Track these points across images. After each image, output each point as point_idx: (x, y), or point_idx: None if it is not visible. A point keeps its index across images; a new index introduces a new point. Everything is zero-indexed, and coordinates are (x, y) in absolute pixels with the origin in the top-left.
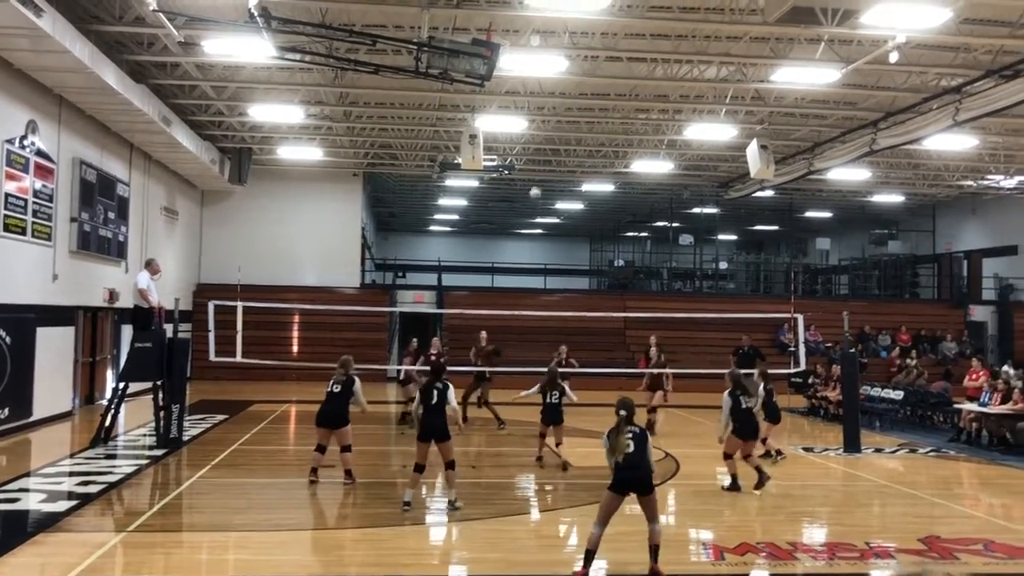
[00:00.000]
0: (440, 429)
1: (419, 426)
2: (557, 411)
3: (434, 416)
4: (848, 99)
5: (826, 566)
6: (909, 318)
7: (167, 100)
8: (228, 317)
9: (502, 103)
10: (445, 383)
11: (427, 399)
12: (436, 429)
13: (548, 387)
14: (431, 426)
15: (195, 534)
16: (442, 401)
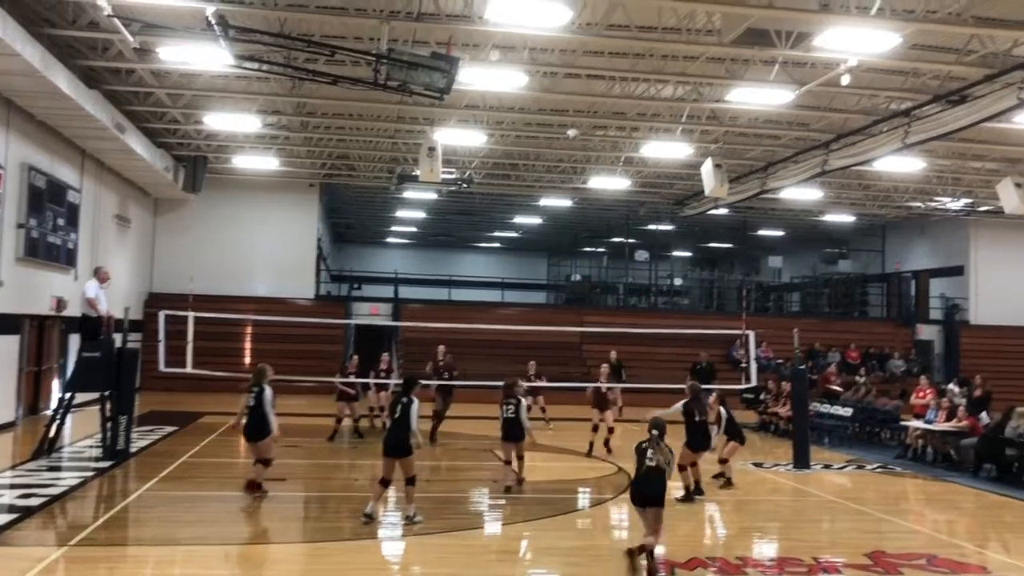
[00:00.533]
0: (398, 445)
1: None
2: (513, 426)
3: (395, 431)
4: (801, 120)
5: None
6: (858, 336)
7: (121, 107)
8: (179, 327)
9: (461, 117)
10: (411, 399)
11: (392, 412)
12: (395, 445)
13: (503, 401)
14: (390, 441)
15: (141, 548)
16: (404, 416)
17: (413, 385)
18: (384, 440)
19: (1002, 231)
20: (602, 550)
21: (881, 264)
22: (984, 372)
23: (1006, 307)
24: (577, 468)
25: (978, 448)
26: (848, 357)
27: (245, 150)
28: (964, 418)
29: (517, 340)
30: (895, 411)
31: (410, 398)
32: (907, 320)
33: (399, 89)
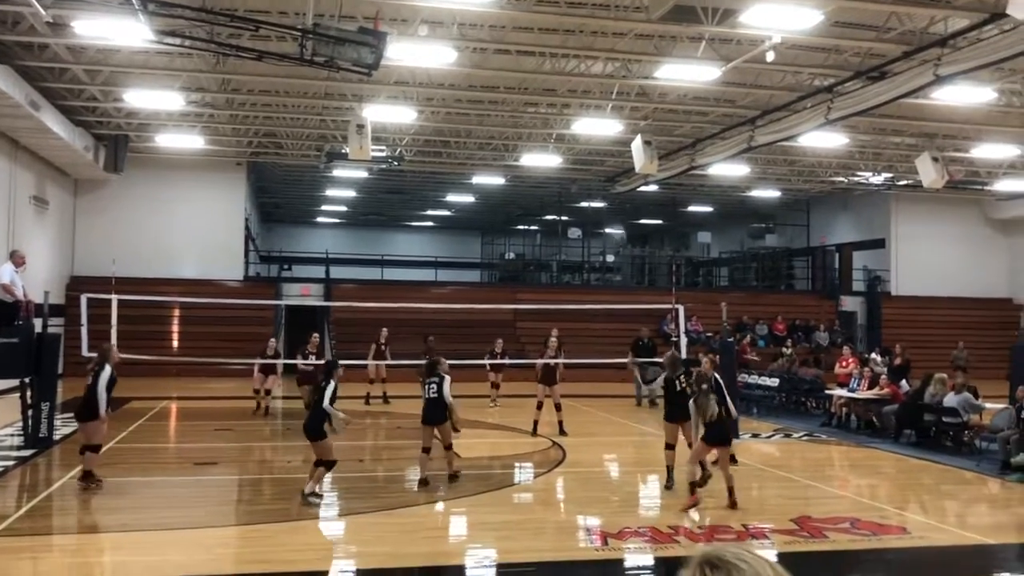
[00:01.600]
0: (310, 429)
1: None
2: (435, 407)
3: (433, 406)
4: (728, 97)
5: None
6: (785, 308)
7: (35, 83)
8: (103, 311)
9: (390, 93)
10: (442, 376)
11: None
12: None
13: (424, 378)
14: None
15: (66, 537)
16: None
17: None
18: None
19: (921, 204)
20: (537, 523)
21: (806, 238)
22: (904, 341)
23: (925, 279)
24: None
25: (898, 415)
26: (775, 329)
27: (168, 128)
28: (885, 386)
29: (451, 319)
30: (819, 381)
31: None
32: (831, 292)
33: (326, 65)
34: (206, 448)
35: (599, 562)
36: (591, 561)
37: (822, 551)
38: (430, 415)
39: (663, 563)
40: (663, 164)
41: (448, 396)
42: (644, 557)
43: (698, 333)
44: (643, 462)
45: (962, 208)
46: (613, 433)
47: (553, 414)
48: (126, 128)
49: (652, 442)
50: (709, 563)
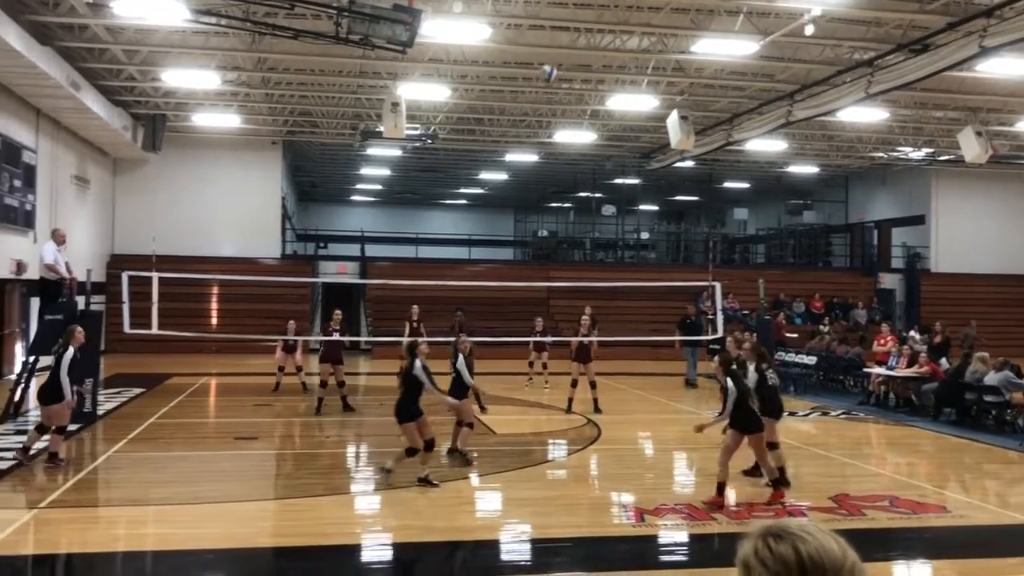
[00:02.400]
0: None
1: None
2: (452, 384)
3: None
4: (766, 71)
5: (741, 526)
6: (822, 286)
7: (76, 64)
8: (143, 289)
9: (425, 71)
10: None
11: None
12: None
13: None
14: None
15: (111, 509)
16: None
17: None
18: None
19: (963, 180)
20: (572, 499)
21: (845, 214)
22: (944, 319)
23: (966, 255)
24: (548, 421)
25: (938, 393)
26: (812, 307)
27: (205, 107)
28: (925, 364)
29: (484, 297)
30: (858, 359)
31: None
32: (870, 269)
33: (361, 43)
34: (246, 423)
35: (635, 538)
36: (627, 537)
37: (861, 529)
38: (450, 391)
39: (700, 540)
40: (699, 140)
41: (464, 374)
42: (681, 534)
43: (734, 311)
44: (678, 440)
45: (1005, 183)
46: (648, 411)
47: (588, 392)
48: (164, 107)
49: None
50: (772, 534)
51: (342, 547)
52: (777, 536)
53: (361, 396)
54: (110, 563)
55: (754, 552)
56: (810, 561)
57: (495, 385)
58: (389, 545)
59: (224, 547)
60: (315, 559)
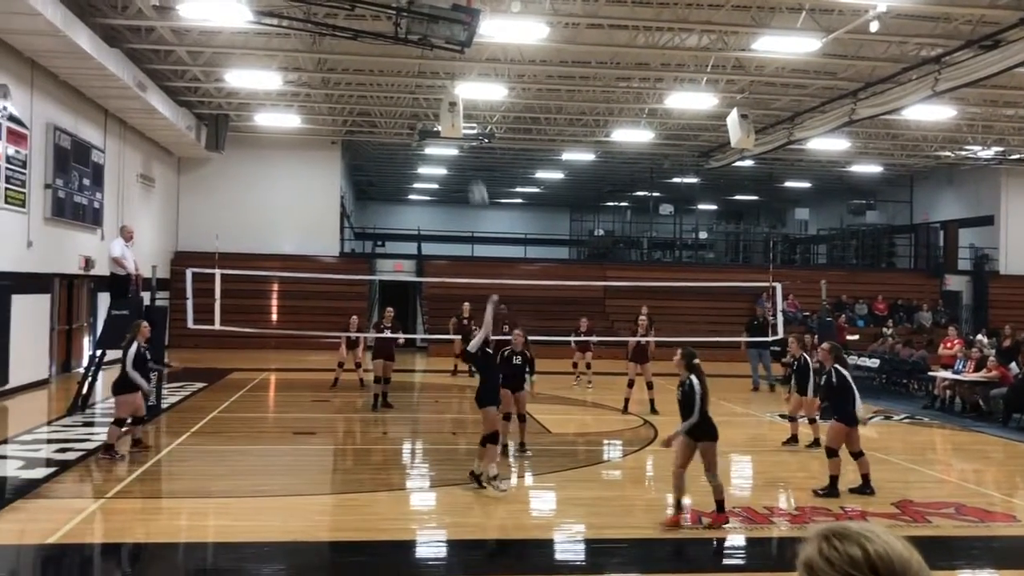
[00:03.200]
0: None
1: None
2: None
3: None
4: (828, 69)
5: (801, 530)
6: (886, 287)
7: (142, 65)
8: (206, 285)
9: (482, 70)
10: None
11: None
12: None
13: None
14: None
15: (174, 500)
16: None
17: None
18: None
19: None
20: (627, 500)
21: (909, 215)
22: (1013, 322)
23: None
24: (604, 422)
25: (1007, 398)
26: (875, 309)
27: (266, 108)
28: (993, 368)
29: (540, 296)
30: (923, 362)
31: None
32: (935, 271)
33: (420, 43)
34: (304, 418)
35: (692, 541)
36: (684, 539)
37: (925, 536)
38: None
39: (758, 543)
40: (759, 138)
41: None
42: (739, 537)
43: (794, 312)
44: (735, 442)
45: None
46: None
47: (644, 392)
48: (227, 108)
49: (743, 422)
50: (836, 535)
51: (398, 543)
52: (841, 536)
53: (417, 393)
54: (173, 553)
55: (819, 552)
56: (879, 560)
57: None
58: (444, 542)
59: (283, 540)
60: (372, 554)
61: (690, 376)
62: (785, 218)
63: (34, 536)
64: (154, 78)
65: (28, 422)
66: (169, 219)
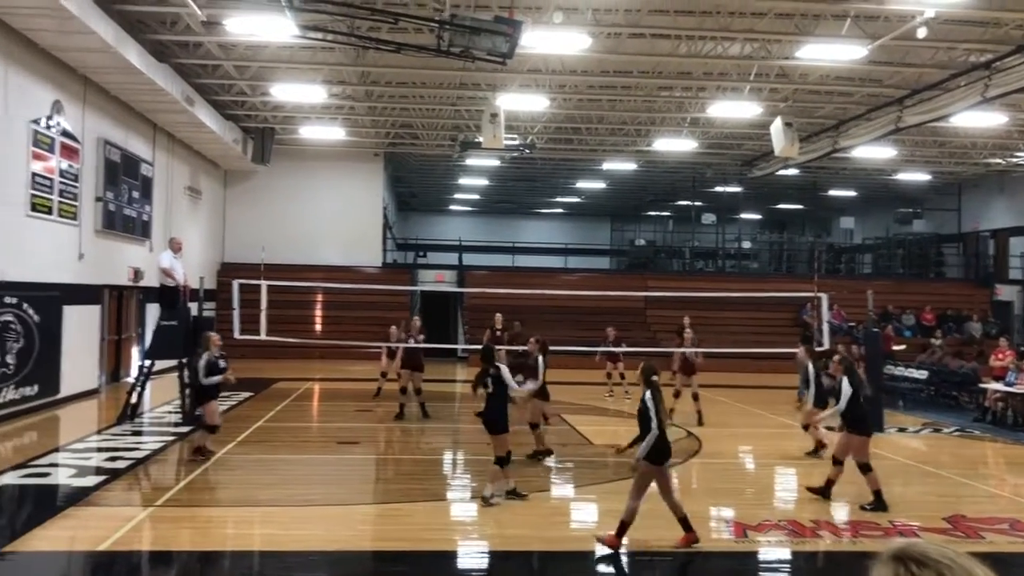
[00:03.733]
0: (491, 421)
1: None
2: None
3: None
4: (874, 76)
5: (849, 543)
6: (934, 298)
7: (190, 80)
8: (251, 296)
9: (523, 81)
10: (498, 367)
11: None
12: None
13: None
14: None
15: (221, 509)
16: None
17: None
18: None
19: None
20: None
21: (957, 223)
22: None
23: None
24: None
25: None
26: (923, 319)
27: (311, 121)
28: None
29: (581, 306)
30: (973, 374)
31: (498, 367)
32: (985, 281)
33: (462, 55)
34: (348, 428)
35: (738, 554)
36: (729, 553)
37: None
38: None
39: (805, 557)
40: (804, 147)
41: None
42: (784, 551)
43: (839, 323)
44: (781, 455)
45: None
46: (750, 424)
47: (689, 404)
48: (272, 121)
49: (790, 434)
50: (913, 559)
51: (440, 553)
52: (919, 562)
53: (457, 403)
54: (220, 561)
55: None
56: None
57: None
58: (485, 553)
59: (328, 549)
60: (414, 564)
61: (645, 391)
62: (830, 227)
63: (85, 543)
64: (202, 92)
65: (79, 431)
66: (216, 231)
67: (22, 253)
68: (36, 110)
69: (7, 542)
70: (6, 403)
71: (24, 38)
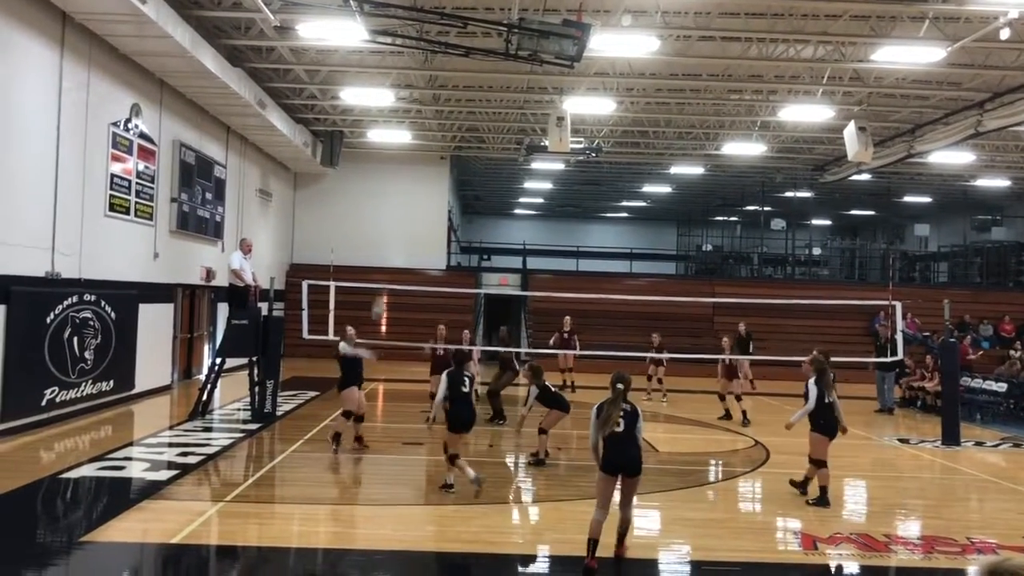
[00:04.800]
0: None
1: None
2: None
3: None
4: (952, 79)
5: (925, 560)
6: (1013, 308)
7: (262, 83)
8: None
9: (590, 84)
10: (472, 375)
11: (455, 389)
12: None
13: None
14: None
15: (288, 506)
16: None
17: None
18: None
19: None
20: (740, 523)
21: None
22: None
23: None
24: (716, 441)
25: None
26: (1002, 330)
27: (379, 124)
28: None
29: (645, 311)
30: None
31: (471, 374)
32: None
33: (529, 59)
34: (412, 428)
35: (809, 566)
36: (800, 565)
37: None
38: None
39: (877, 572)
40: (878, 151)
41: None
42: (854, 564)
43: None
44: (853, 467)
45: None
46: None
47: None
48: (341, 124)
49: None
50: (1008, 573)
51: (504, 556)
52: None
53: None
54: (285, 557)
55: None
56: None
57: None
58: (548, 557)
59: (393, 548)
60: (480, 566)
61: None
62: (904, 234)
63: (157, 535)
64: (273, 96)
65: (152, 426)
66: (285, 232)
67: (101, 252)
68: (116, 113)
69: (85, 532)
70: (84, 397)
71: (105, 43)
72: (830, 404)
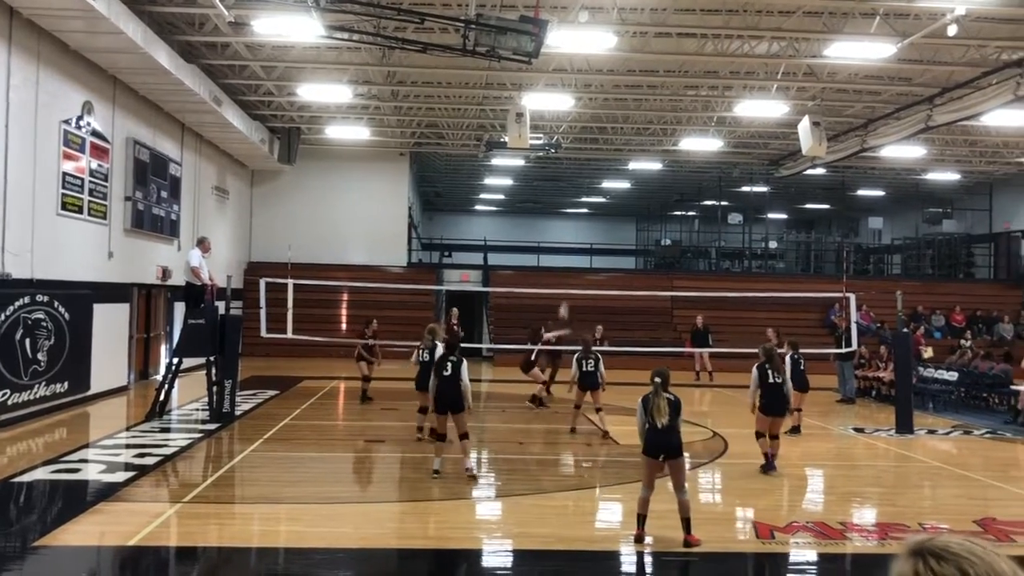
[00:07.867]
0: (455, 401)
1: (434, 398)
2: (593, 377)
3: (449, 387)
4: (903, 74)
5: (878, 546)
6: (963, 298)
7: (218, 80)
8: (278, 295)
9: (549, 80)
10: (460, 357)
11: (440, 371)
12: (451, 401)
13: (583, 357)
14: (447, 397)
15: (248, 506)
16: (455, 374)
17: (457, 343)
18: (437, 398)
19: None
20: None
21: (988, 223)
22: None
23: None
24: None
25: None
26: (952, 320)
27: (337, 121)
28: None
29: (607, 306)
30: (1005, 375)
31: (460, 357)
32: (1016, 281)
33: (487, 55)
34: (373, 426)
35: (765, 555)
36: (757, 554)
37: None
38: (590, 382)
39: (832, 559)
40: (832, 146)
41: (602, 371)
42: (813, 552)
43: (868, 324)
44: (810, 456)
45: None
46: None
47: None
48: (298, 121)
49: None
50: (933, 554)
51: (465, 551)
52: (939, 557)
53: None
54: (246, 557)
55: (913, 574)
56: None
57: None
58: (510, 551)
59: (354, 547)
60: (439, 562)
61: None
62: (858, 227)
63: (114, 538)
64: (229, 93)
65: (109, 428)
66: (243, 230)
67: (53, 252)
68: (67, 110)
69: (39, 536)
70: (37, 399)
71: (55, 39)
72: (776, 384)
